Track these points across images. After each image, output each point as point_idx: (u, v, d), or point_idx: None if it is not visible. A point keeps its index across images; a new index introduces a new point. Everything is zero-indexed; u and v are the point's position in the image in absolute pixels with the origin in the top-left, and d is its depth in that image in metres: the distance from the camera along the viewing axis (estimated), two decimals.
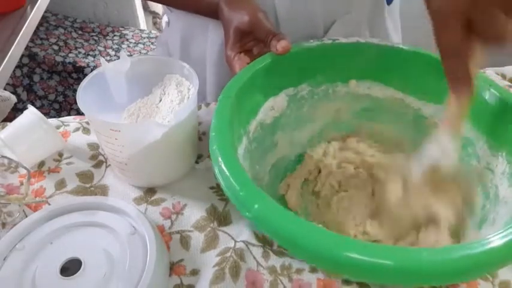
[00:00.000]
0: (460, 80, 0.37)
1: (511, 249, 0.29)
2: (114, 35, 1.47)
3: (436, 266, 0.28)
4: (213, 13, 0.54)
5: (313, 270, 0.40)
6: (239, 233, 0.43)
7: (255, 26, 0.48)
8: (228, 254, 0.41)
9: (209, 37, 0.63)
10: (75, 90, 1.05)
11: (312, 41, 0.49)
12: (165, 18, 0.72)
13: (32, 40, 1.29)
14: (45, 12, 1.19)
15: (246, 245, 0.42)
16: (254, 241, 0.42)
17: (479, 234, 0.39)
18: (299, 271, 0.40)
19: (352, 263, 0.28)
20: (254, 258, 0.41)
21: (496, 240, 0.29)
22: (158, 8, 1.74)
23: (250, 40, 0.50)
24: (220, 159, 0.35)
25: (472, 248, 0.29)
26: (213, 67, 0.65)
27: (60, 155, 0.52)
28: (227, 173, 0.34)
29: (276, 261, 0.41)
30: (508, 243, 0.29)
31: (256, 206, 0.32)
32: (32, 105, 0.51)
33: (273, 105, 0.48)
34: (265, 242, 0.43)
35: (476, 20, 0.34)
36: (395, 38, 0.69)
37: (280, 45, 0.45)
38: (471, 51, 0.36)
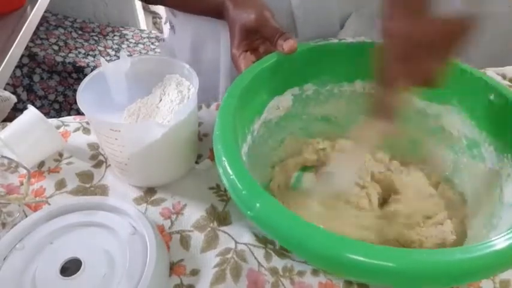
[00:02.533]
0: (384, 111, 0.39)
1: None
2: (114, 35, 1.47)
3: (438, 269, 0.28)
4: (219, 13, 0.54)
5: (315, 273, 0.40)
6: (240, 234, 0.43)
7: (262, 24, 0.48)
8: (229, 255, 0.41)
9: (222, 43, 0.63)
10: (75, 90, 1.05)
11: (318, 40, 0.49)
12: (167, 25, 0.71)
13: (32, 40, 1.29)
14: (45, 12, 1.19)
15: (248, 247, 0.42)
16: (255, 243, 0.42)
17: (480, 237, 0.38)
18: (301, 273, 0.40)
19: (354, 264, 0.28)
20: (256, 259, 0.41)
21: (499, 242, 0.29)
22: (158, 8, 1.74)
23: (257, 39, 0.50)
24: (224, 158, 0.35)
25: (474, 250, 0.29)
26: (227, 72, 0.65)
27: (60, 155, 0.52)
28: (230, 172, 0.34)
29: (278, 262, 0.41)
30: (511, 245, 0.29)
31: (258, 205, 0.32)
32: (32, 105, 0.51)
33: (278, 105, 0.48)
34: (266, 243, 0.43)
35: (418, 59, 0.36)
36: None
37: (286, 45, 0.45)
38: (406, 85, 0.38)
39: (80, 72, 1.31)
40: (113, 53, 1.39)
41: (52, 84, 1.34)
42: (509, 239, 0.29)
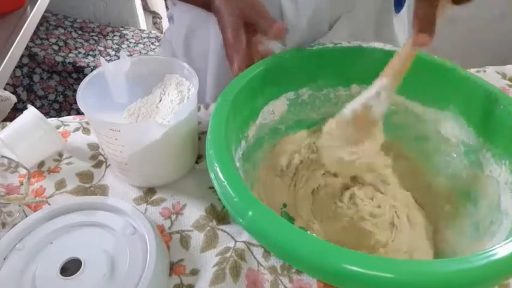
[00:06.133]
0: (425, 25, 0.38)
1: None
2: (114, 35, 1.47)
3: (438, 279, 0.27)
4: (207, 4, 0.53)
5: None
6: (239, 233, 0.43)
7: (251, 15, 0.47)
8: (228, 254, 0.41)
9: (212, 31, 0.62)
10: (75, 90, 1.05)
11: (313, 44, 0.49)
12: (168, 15, 0.71)
13: (32, 40, 1.29)
14: (45, 12, 1.19)
15: (247, 246, 0.42)
16: (254, 241, 0.42)
17: (478, 246, 0.38)
18: (299, 271, 0.40)
19: (351, 275, 0.27)
20: (255, 258, 0.41)
21: (500, 251, 0.28)
22: (158, 8, 1.74)
23: (248, 31, 0.48)
24: (216, 164, 0.35)
25: (474, 260, 0.28)
26: (215, 62, 0.65)
27: (60, 155, 0.52)
28: (222, 179, 0.34)
29: (276, 261, 0.41)
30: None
31: (250, 212, 0.31)
32: (32, 105, 0.51)
33: (273, 109, 0.48)
34: None
35: None
36: (403, 39, 0.69)
37: (275, 27, 0.44)
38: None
39: (80, 72, 1.31)
40: (113, 53, 1.39)
41: (52, 84, 1.34)
42: (509, 248, 0.29)
